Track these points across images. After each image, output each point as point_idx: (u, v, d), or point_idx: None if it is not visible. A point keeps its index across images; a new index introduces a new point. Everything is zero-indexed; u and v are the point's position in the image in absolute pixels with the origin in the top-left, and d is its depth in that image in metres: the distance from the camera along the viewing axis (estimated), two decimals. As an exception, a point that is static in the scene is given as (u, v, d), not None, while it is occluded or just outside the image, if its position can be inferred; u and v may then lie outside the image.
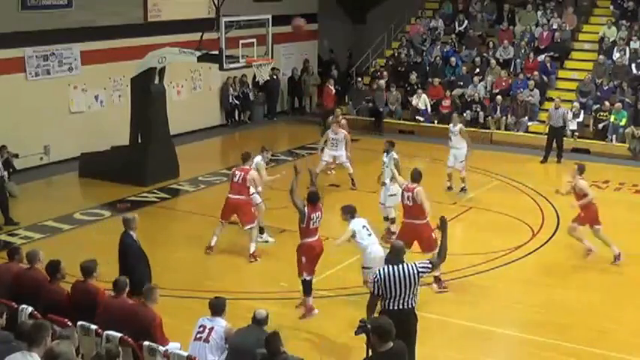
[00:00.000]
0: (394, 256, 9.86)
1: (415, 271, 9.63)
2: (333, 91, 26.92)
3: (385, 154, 16.29)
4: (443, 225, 10.05)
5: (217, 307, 9.58)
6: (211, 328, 9.41)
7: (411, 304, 9.66)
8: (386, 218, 16.08)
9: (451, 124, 19.85)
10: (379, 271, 9.73)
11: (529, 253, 15.56)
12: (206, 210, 17.47)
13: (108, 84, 23.28)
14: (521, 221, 17.41)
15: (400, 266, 9.65)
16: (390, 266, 9.67)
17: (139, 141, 20.21)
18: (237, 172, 15.30)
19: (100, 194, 19.21)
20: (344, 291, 13.39)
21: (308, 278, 12.43)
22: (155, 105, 20.12)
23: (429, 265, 9.87)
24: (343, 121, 20.70)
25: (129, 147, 20.36)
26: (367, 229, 12.80)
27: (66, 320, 9.29)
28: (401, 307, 9.56)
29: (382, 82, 27.54)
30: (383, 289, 9.59)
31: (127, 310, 9.73)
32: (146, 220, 17.81)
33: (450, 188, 19.50)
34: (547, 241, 16.36)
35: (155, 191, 19.60)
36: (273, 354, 8.42)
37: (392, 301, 9.58)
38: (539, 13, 28.92)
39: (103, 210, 18.25)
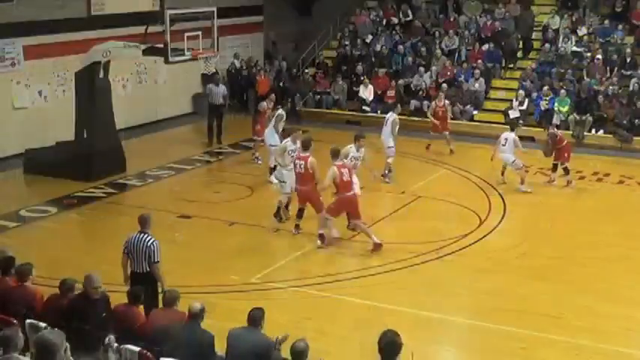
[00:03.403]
0: None
1: None
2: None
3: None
4: None
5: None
6: None
7: None
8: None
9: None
10: None
11: (477, 241, 15.73)
12: (155, 204, 17.38)
13: (52, 79, 22.91)
14: (468, 209, 17.61)
15: None
16: None
17: (85, 136, 20.00)
18: None
19: (46, 190, 18.93)
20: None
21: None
22: (100, 99, 19.91)
23: None
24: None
25: (74, 142, 20.13)
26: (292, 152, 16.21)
27: (11, 318, 9.06)
28: None
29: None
30: None
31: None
32: (94, 215, 17.75)
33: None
34: (494, 228, 16.58)
35: (102, 186, 19.37)
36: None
37: None
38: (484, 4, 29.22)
39: (50, 206, 18.03)
